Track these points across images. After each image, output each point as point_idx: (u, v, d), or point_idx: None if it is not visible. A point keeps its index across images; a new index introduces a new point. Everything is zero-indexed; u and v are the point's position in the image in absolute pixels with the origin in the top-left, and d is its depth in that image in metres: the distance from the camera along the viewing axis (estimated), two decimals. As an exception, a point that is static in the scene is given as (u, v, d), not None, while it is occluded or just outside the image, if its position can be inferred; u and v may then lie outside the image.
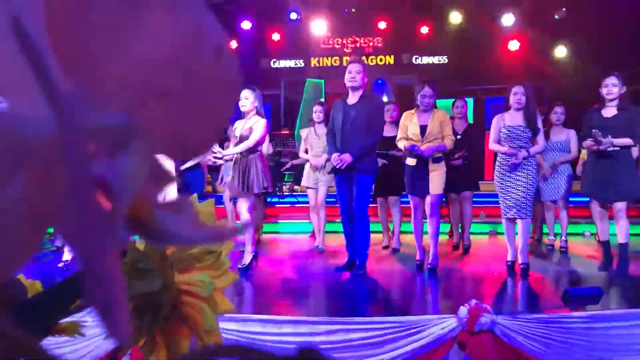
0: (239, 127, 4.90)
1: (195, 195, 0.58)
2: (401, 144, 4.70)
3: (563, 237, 5.70)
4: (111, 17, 0.23)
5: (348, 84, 4.51)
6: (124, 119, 0.23)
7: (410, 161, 4.58)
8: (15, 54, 0.21)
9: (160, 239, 0.27)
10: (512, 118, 4.53)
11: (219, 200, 7.74)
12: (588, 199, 5.30)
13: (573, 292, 2.82)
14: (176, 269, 0.60)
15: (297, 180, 9.54)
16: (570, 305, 2.85)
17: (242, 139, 4.73)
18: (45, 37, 0.22)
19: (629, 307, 3.11)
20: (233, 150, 4.76)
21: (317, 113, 5.91)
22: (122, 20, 0.23)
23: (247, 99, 4.83)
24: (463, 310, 2.79)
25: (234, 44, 11.83)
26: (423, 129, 4.54)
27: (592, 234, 6.78)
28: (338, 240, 5.59)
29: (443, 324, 2.78)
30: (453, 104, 5.84)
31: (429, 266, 4.54)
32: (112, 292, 0.22)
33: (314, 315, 3.24)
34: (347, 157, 4.37)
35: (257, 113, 4.78)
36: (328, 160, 4.88)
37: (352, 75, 4.46)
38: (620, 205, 4.30)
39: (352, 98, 4.55)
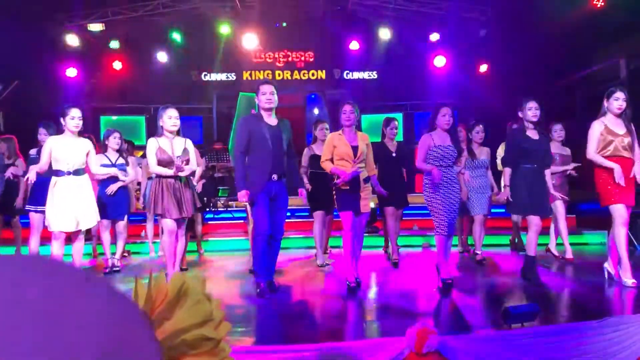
0: (167, 148, 4.77)
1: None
2: (327, 165, 4.64)
3: (478, 250, 5.98)
4: None
5: (265, 106, 4.44)
6: None
7: (343, 184, 4.58)
8: None
9: None
10: (441, 138, 4.65)
11: (143, 218, 7.50)
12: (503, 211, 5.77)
13: (513, 310, 2.96)
14: (167, 358, 0.57)
15: (231, 195, 9.42)
16: (510, 322, 2.98)
17: (182, 161, 4.68)
18: None
19: (562, 320, 3.30)
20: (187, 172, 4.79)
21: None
22: None
23: (178, 119, 4.81)
24: (410, 333, 2.83)
25: (163, 57, 11.55)
26: (355, 149, 4.59)
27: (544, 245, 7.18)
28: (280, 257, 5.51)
29: (392, 347, 2.82)
30: (387, 124, 5.92)
31: (354, 285, 4.54)
32: None
33: (259, 342, 3.18)
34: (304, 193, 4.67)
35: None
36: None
37: (268, 96, 4.43)
38: (539, 221, 4.62)
39: (271, 119, 4.51)
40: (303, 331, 3.46)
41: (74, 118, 4.69)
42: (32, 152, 5.96)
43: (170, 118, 4.78)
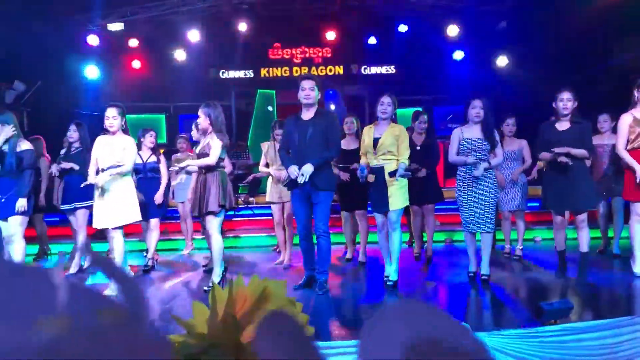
0: (200, 145, 4.84)
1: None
2: (363, 160, 4.69)
3: (519, 246, 5.91)
4: None
5: (303, 101, 4.46)
6: None
7: (371, 177, 4.55)
8: None
9: None
10: (471, 131, 4.62)
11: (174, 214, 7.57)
12: (538, 205, 5.60)
13: (546, 307, 2.92)
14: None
15: (251, 192, 9.45)
16: (543, 320, 2.95)
17: (201, 156, 4.68)
18: None
19: (595, 317, 3.25)
20: (195, 162, 4.73)
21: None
22: None
23: (202, 116, 4.80)
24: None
25: (182, 55, 11.60)
26: (376, 141, 4.53)
27: (543, 240, 7.09)
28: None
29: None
30: (416, 118, 5.92)
31: (389, 282, 4.54)
32: None
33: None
34: (309, 167, 4.31)
35: (215, 129, 4.73)
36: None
37: (307, 92, 4.42)
38: (582, 216, 4.50)
39: (307, 114, 4.51)
40: (335, 328, 3.46)
41: (108, 118, 4.80)
42: (62, 152, 6.02)
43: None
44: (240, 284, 0.69)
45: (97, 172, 4.81)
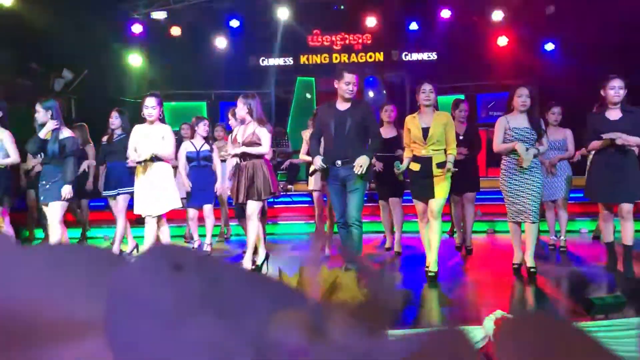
0: (239, 133, 4.87)
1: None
2: (407, 152, 4.61)
3: (562, 237, 5.76)
4: None
5: (346, 95, 4.40)
6: None
7: (414, 166, 4.51)
8: None
9: None
10: (517, 120, 4.49)
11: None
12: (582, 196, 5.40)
13: (597, 301, 2.83)
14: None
15: (290, 179, 9.50)
16: (593, 314, 2.86)
17: (249, 144, 4.74)
18: None
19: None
20: (252, 150, 4.80)
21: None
22: None
23: (241, 106, 4.86)
24: (489, 321, 2.77)
25: (222, 42, 11.69)
26: (425, 131, 4.45)
27: (590, 232, 6.87)
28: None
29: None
30: (456, 106, 5.79)
31: (430, 273, 4.49)
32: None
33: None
34: (365, 160, 4.26)
35: (254, 119, 4.82)
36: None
37: (351, 87, 4.38)
38: (628, 207, 4.32)
39: (343, 104, 4.47)
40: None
41: (147, 107, 4.88)
42: (104, 139, 6.18)
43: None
44: (308, 272, 0.68)
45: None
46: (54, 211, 4.96)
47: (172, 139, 4.99)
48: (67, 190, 4.90)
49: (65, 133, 5.03)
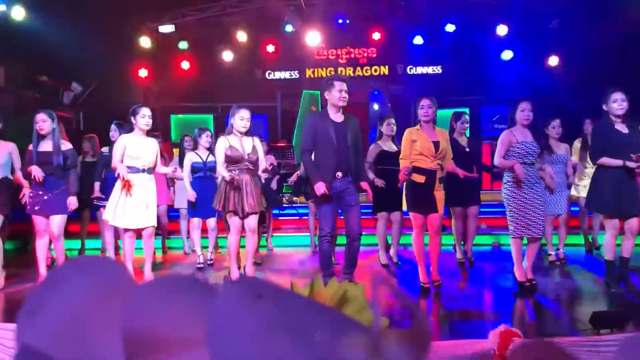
0: (237, 146, 4.87)
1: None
2: (404, 164, 4.51)
3: (561, 250, 5.80)
4: None
5: (339, 103, 4.39)
6: None
7: (419, 178, 4.49)
8: None
9: None
10: (523, 134, 4.49)
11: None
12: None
13: (602, 315, 2.84)
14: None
15: (295, 191, 9.53)
16: (599, 328, 2.87)
17: (251, 159, 4.81)
18: None
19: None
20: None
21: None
22: None
23: (249, 120, 4.90)
24: (493, 335, 2.78)
25: (229, 56, 11.81)
26: (436, 144, 4.48)
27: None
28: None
29: (474, 349, 2.78)
30: (457, 118, 5.80)
31: (433, 287, 4.48)
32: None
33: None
34: (367, 186, 4.52)
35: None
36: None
37: (344, 94, 4.38)
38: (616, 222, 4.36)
39: (337, 115, 4.46)
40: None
41: (144, 116, 4.82)
42: (105, 149, 6.22)
43: (242, 119, 4.88)
44: (319, 285, 0.70)
45: (132, 170, 4.78)
46: (60, 223, 4.97)
47: (158, 152, 5.05)
48: (73, 202, 4.93)
49: (67, 145, 5.07)
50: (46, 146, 4.92)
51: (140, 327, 0.34)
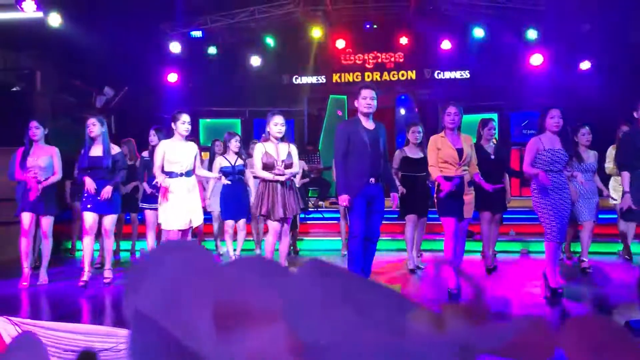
0: (272, 152, 4.94)
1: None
2: (434, 172, 4.54)
3: (585, 258, 5.69)
4: None
5: (365, 110, 4.46)
6: None
7: (447, 185, 4.50)
8: None
9: None
10: (551, 141, 4.42)
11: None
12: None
13: (635, 325, 2.79)
14: None
15: (322, 195, 9.57)
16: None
17: (287, 162, 4.90)
18: None
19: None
20: (289, 171, 5.01)
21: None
22: None
23: (284, 125, 4.97)
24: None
25: (257, 61, 11.94)
26: (460, 152, 4.48)
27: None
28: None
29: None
30: (484, 125, 5.74)
31: (455, 292, 4.46)
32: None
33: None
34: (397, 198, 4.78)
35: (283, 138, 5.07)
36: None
37: (368, 101, 4.43)
38: None
39: (369, 123, 4.52)
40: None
41: (184, 122, 4.99)
42: (145, 154, 6.40)
43: (276, 125, 4.96)
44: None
45: (172, 175, 4.93)
46: (112, 222, 5.28)
47: (197, 155, 5.22)
48: (108, 190, 5.11)
49: (116, 149, 5.33)
50: (96, 151, 5.16)
51: (227, 301, 0.38)
